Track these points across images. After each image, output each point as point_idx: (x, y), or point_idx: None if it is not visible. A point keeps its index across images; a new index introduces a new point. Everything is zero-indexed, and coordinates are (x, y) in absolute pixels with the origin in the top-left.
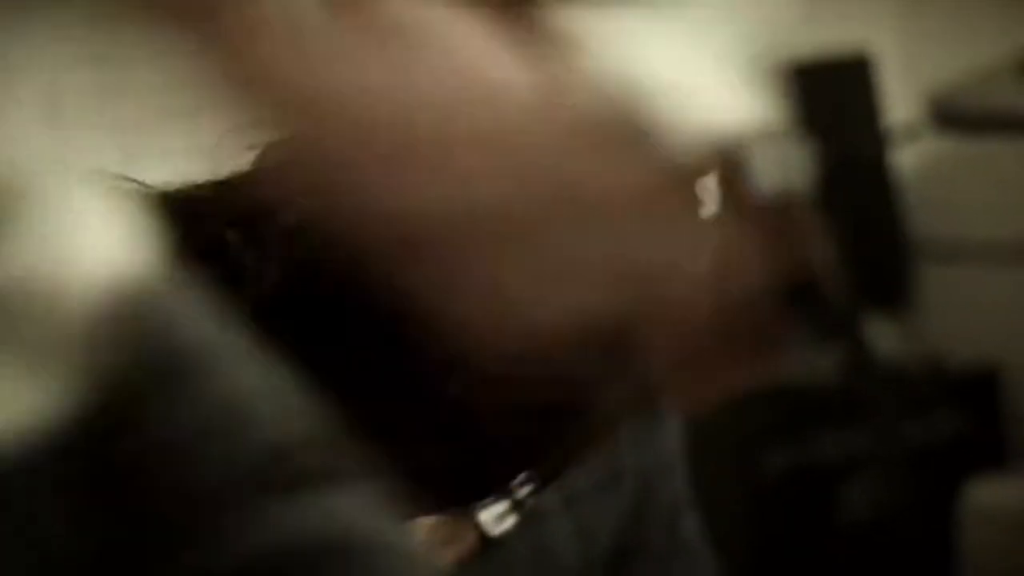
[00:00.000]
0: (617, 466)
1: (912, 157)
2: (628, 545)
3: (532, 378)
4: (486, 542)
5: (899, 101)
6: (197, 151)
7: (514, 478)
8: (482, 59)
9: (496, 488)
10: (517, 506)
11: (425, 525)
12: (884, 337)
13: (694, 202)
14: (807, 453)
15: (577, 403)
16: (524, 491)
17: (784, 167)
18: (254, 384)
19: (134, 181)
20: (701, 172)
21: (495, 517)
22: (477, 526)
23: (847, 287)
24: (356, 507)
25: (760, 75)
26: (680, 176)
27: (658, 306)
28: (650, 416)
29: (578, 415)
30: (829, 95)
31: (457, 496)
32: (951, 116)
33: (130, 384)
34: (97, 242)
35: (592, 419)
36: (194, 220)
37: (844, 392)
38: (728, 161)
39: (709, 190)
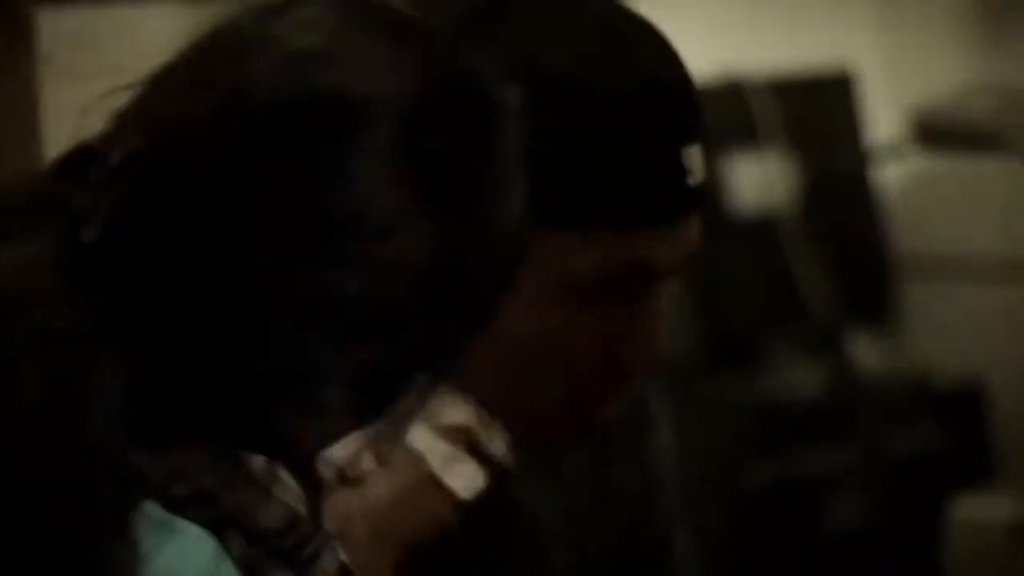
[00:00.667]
0: (613, 485)
1: (894, 173)
2: (622, 563)
3: None
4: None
5: (882, 118)
6: None
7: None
8: None
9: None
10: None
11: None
12: (867, 353)
13: None
14: (792, 468)
15: None
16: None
17: (765, 183)
18: None
19: None
20: None
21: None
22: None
23: (830, 304)
24: None
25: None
26: None
27: None
28: (643, 436)
29: None
30: (811, 112)
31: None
32: (933, 133)
33: None
34: None
35: None
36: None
37: (828, 408)
38: None
39: None
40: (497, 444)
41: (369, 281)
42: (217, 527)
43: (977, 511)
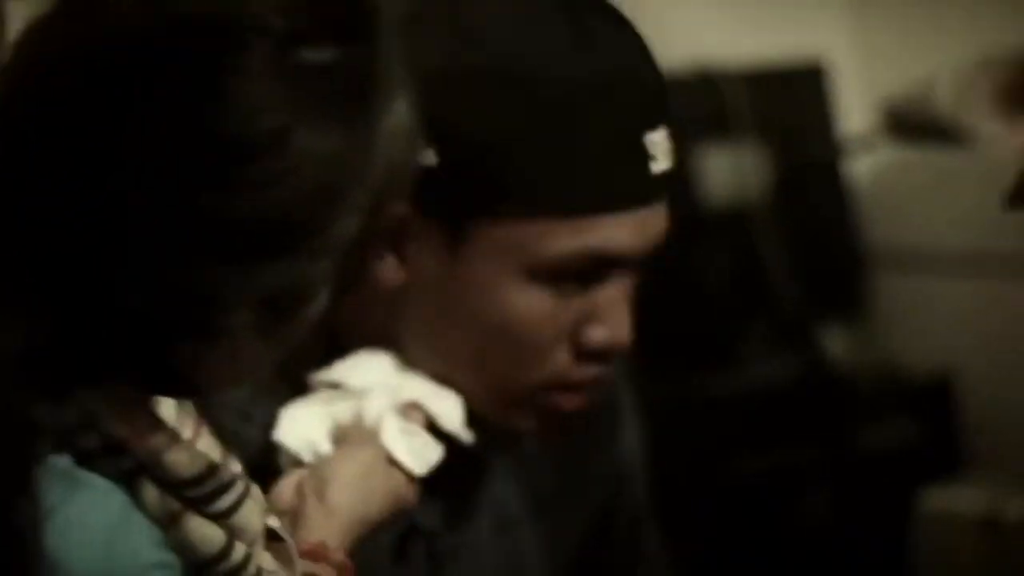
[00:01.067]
0: (582, 475)
1: (866, 165)
2: (592, 553)
3: None
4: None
5: (853, 109)
6: None
7: None
8: None
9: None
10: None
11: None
12: (838, 345)
13: None
14: (763, 461)
15: None
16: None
17: (737, 175)
18: None
19: None
20: None
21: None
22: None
23: (801, 296)
24: None
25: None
26: None
27: None
28: (612, 428)
29: None
30: (783, 103)
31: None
32: (905, 125)
33: None
34: None
35: None
36: None
37: (799, 400)
38: None
39: None
40: (452, 420)
41: (259, 200)
42: (130, 476)
43: (947, 503)
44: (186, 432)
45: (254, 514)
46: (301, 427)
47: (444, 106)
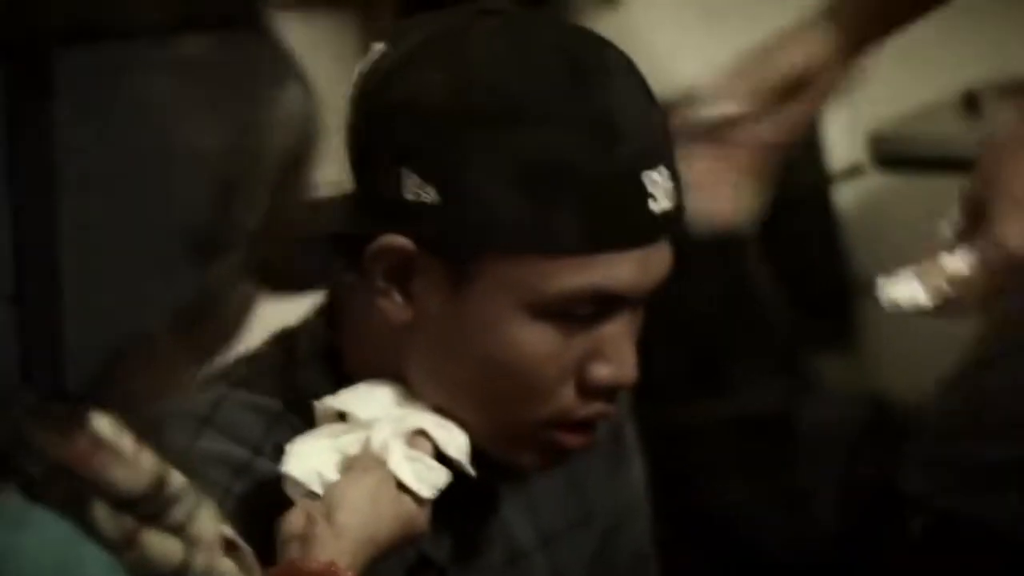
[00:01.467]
0: (588, 508)
1: (854, 194)
2: None
3: None
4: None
5: (841, 139)
6: None
7: None
8: None
9: None
10: None
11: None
12: (828, 374)
13: None
14: (754, 487)
15: None
16: None
17: None
18: None
19: None
20: None
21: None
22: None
23: (791, 325)
24: None
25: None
26: None
27: None
28: (617, 460)
29: None
30: None
31: None
32: (892, 153)
33: None
34: None
35: None
36: None
37: (790, 427)
38: None
39: None
40: (458, 449)
41: (164, 203)
42: (80, 500)
43: None
44: (126, 447)
45: (209, 522)
46: (309, 459)
47: (445, 144)
